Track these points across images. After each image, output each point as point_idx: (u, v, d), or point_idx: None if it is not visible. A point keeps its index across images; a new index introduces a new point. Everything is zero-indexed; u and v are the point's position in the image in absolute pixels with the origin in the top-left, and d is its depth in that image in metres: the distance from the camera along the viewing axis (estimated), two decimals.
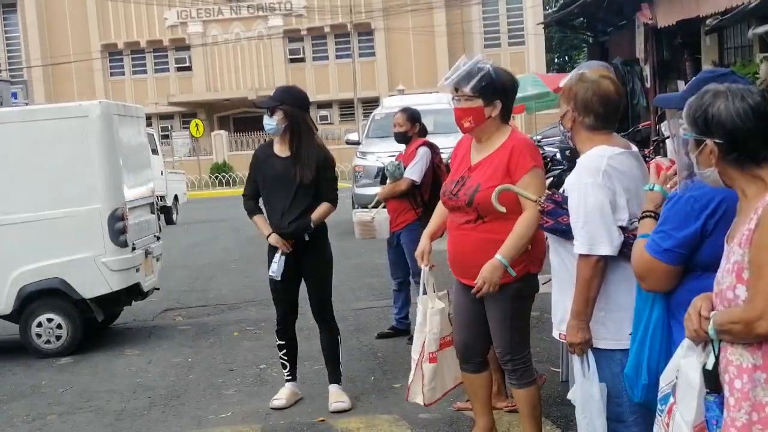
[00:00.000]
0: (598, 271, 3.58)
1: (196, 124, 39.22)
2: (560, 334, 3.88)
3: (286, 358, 6.28)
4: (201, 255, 15.24)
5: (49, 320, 8.29)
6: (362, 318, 8.79)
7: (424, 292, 4.96)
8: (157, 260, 9.37)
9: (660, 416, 2.91)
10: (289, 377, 6.31)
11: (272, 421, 5.87)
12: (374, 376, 6.83)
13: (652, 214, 3.25)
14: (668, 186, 3.28)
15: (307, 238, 5.94)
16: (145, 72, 47.65)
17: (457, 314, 4.80)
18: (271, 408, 6.11)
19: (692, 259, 3.00)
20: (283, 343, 6.25)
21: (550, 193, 3.82)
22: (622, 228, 3.60)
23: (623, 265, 3.54)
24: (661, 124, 12.73)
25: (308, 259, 6.04)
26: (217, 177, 39.43)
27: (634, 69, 16.26)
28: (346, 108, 45.43)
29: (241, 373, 7.24)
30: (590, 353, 3.67)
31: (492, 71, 4.44)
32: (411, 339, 7.66)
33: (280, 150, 5.98)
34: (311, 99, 6.71)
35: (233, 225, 19.78)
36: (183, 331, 9.15)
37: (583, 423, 3.68)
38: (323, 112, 45.45)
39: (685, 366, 2.77)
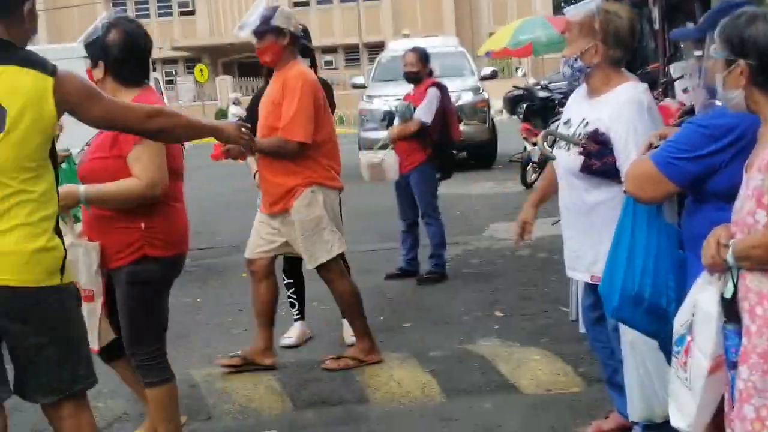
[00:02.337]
0: None
1: (201, 69, 38.95)
2: (592, 276, 3.77)
3: (294, 296, 6.31)
4: (206, 199, 15.23)
5: None
6: (367, 260, 8.72)
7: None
8: None
9: (676, 358, 2.88)
10: (298, 316, 6.33)
11: (282, 359, 5.88)
12: (383, 315, 6.84)
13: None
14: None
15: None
16: (148, 17, 47.16)
17: None
18: (281, 346, 6.13)
19: (709, 188, 2.96)
20: (291, 281, 6.28)
21: (592, 132, 3.64)
22: None
23: None
24: (670, 66, 12.60)
25: None
26: None
27: (642, 11, 16.06)
28: (351, 53, 45.01)
29: (249, 313, 7.24)
30: None
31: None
32: (420, 279, 7.73)
33: None
34: (315, 44, 6.64)
35: (237, 170, 19.69)
36: (190, 272, 9.14)
37: (635, 359, 3.59)
38: (328, 57, 45.03)
39: (701, 300, 2.75)
